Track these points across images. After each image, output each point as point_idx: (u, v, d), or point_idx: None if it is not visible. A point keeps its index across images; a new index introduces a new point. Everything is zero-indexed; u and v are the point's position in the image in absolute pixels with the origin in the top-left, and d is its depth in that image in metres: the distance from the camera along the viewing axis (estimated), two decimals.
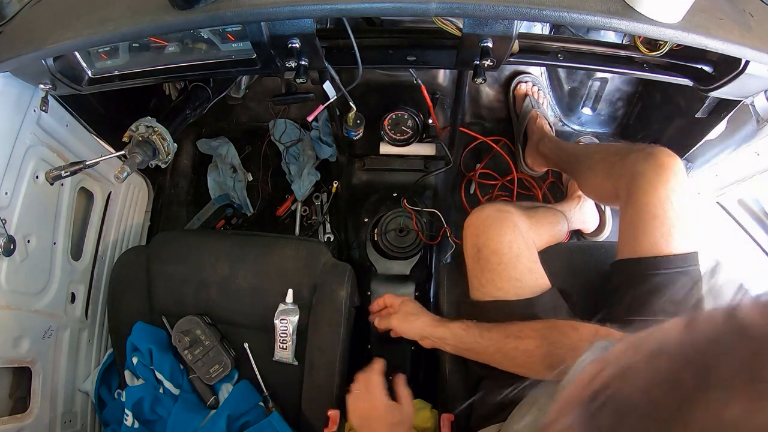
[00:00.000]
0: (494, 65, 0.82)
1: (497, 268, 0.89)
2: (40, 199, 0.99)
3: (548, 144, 1.40)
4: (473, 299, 0.94)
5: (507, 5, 0.70)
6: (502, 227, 0.90)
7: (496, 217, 0.92)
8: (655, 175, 0.85)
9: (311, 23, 0.78)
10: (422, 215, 1.37)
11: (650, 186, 0.85)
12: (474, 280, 0.93)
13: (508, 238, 0.89)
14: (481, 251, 0.91)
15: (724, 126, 1.10)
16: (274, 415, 1.05)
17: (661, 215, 0.83)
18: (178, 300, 1.12)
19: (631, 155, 0.92)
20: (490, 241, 0.90)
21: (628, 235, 0.88)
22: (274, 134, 1.63)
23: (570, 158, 1.25)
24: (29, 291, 1.00)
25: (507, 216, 0.92)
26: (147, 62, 0.89)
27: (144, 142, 0.96)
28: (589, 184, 1.10)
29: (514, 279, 0.88)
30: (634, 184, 0.87)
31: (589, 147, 1.31)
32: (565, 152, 1.30)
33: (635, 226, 0.86)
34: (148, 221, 1.49)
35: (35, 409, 1.00)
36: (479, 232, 0.92)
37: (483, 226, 0.92)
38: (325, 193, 1.57)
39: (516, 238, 0.90)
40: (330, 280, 1.09)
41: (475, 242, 0.92)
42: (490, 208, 0.95)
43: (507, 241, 0.89)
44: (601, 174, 1.01)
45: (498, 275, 0.89)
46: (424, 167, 1.44)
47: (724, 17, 0.79)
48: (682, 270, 0.82)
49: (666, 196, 0.83)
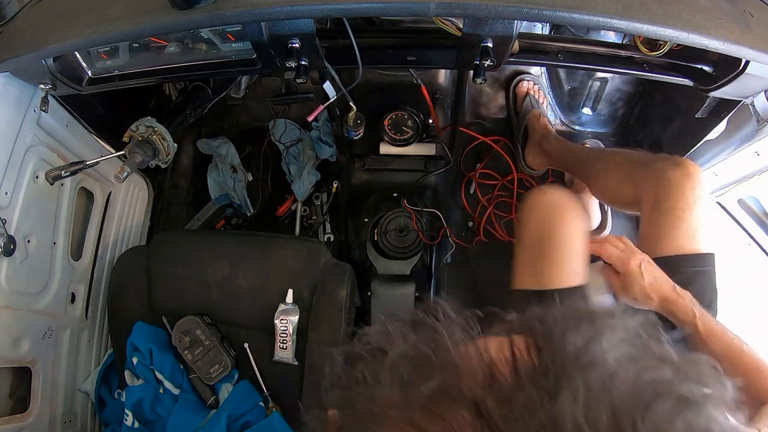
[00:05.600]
0: (494, 65, 0.82)
1: (560, 257, 0.85)
2: (40, 199, 0.99)
3: (553, 142, 1.40)
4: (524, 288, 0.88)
5: (507, 5, 0.70)
6: (570, 215, 0.87)
7: (565, 204, 0.88)
8: (683, 182, 0.90)
9: (311, 23, 0.78)
10: (422, 215, 1.37)
11: (678, 192, 0.90)
12: (528, 267, 0.88)
13: (574, 228, 0.86)
14: (545, 239, 0.86)
15: (724, 126, 1.10)
16: (274, 415, 1.05)
17: (687, 218, 0.88)
18: (178, 300, 1.12)
19: (657, 163, 0.95)
20: (557, 229, 0.85)
21: (653, 235, 0.91)
22: (274, 134, 1.62)
23: (577, 159, 1.26)
24: (29, 291, 1.00)
25: (574, 204, 0.89)
26: (147, 62, 0.89)
27: (144, 142, 0.96)
28: (603, 186, 1.11)
29: (573, 271, 0.85)
30: (662, 189, 0.91)
31: (604, 151, 1.34)
32: (572, 153, 1.31)
33: (660, 227, 0.89)
34: (148, 221, 1.49)
35: (35, 409, 1.00)
36: (545, 217, 0.87)
37: (550, 212, 0.87)
38: (325, 193, 1.57)
39: (580, 228, 0.87)
40: (330, 280, 1.09)
41: (539, 228, 0.87)
42: (555, 192, 0.90)
43: (573, 232, 0.86)
44: (619, 178, 1.04)
45: (559, 265, 0.85)
46: (424, 167, 1.44)
47: (724, 17, 0.79)
48: (702, 270, 0.87)
49: (693, 202, 0.89)
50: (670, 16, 0.74)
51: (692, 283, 0.85)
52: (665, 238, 0.88)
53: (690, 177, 0.90)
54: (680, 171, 0.91)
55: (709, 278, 0.87)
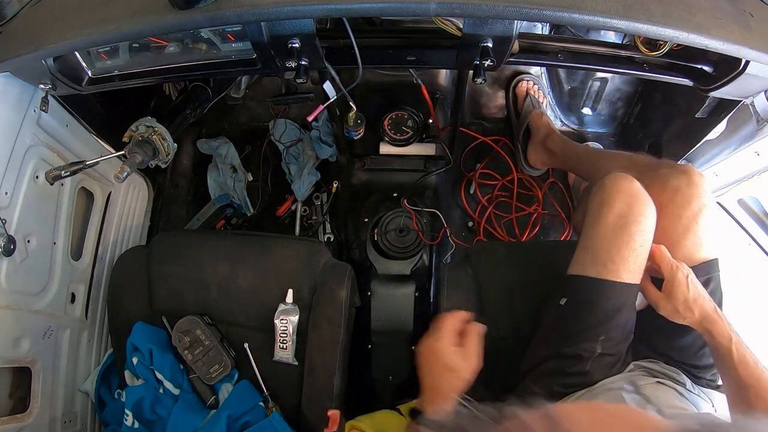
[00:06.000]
0: (494, 65, 0.82)
1: (629, 250, 0.82)
2: (40, 199, 0.99)
3: (557, 141, 1.40)
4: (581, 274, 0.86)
5: (507, 5, 0.70)
6: (651, 210, 0.84)
7: (647, 197, 0.84)
8: (689, 191, 0.90)
9: (311, 23, 0.78)
10: (422, 215, 1.37)
11: (685, 200, 0.90)
12: (603, 253, 0.83)
13: (651, 225, 0.83)
14: (629, 226, 0.82)
15: (724, 126, 1.10)
16: (274, 415, 1.05)
17: (693, 228, 0.89)
18: (178, 300, 1.12)
19: (663, 169, 0.95)
20: (641, 218, 0.82)
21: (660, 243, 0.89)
22: (274, 134, 1.63)
23: (581, 158, 1.26)
24: (29, 291, 1.00)
25: (651, 200, 0.85)
26: (147, 62, 0.89)
27: (144, 142, 0.96)
28: None
29: (637, 267, 0.83)
30: (668, 197, 0.91)
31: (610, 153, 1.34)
32: (575, 151, 1.31)
33: (667, 236, 0.89)
34: (148, 221, 1.49)
35: (35, 409, 1.00)
36: (633, 203, 0.83)
37: (638, 200, 0.83)
38: (325, 193, 1.57)
39: (653, 227, 0.84)
40: (330, 280, 1.09)
41: (624, 212, 0.82)
42: (637, 182, 0.86)
43: (649, 229, 0.83)
44: None
45: (635, 257, 0.82)
46: (424, 167, 1.44)
47: (724, 17, 0.79)
48: (708, 277, 0.88)
49: (699, 210, 0.89)
50: (670, 16, 0.74)
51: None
52: (673, 247, 0.88)
53: (696, 186, 0.90)
54: (686, 179, 0.91)
55: (716, 284, 0.89)
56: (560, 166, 1.46)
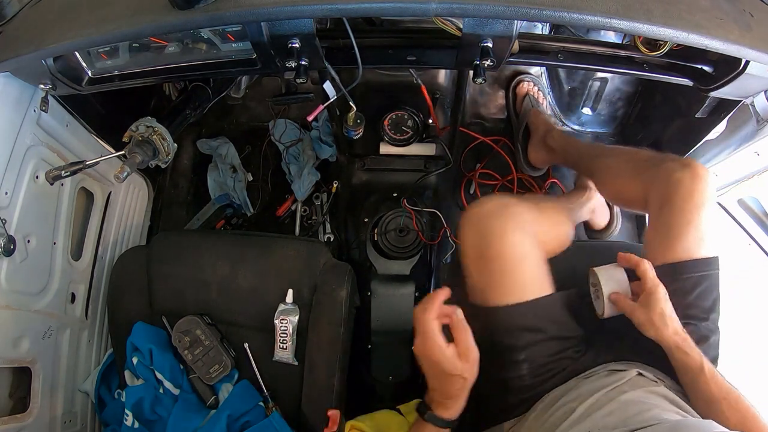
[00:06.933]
0: (494, 65, 0.82)
1: (501, 273, 0.83)
2: (40, 199, 0.99)
3: (557, 137, 1.40)
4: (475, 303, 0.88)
5: (507, 5, 0.70)
6: (506, 226, 0.84)
7: (500, 214, 0.85)
8: (692, 184, 0.89)
9: (311, 23, 0.78)
10: (422, 215, 1.37)
11: (688, 194, 0.89)
12: (475, 284, 0.87)
13: (512, 239, 0.83)
14: (484, 254, 0.84)
15: (724, 126, 1.10)
16: (274, 415, 1.05)
17: (695, 222, 0.88)
18: (178, 300, 1.12)
19: (666, 163, 0.95)
20: (493, 243, 0.83)
21: (662, 237, 0.91)
22: (274, 134, 1.63)
23: (582, 155, 1.25)
24: (29, 291, 1.00)
25: (511, 212, 0.86)
26: (147, 62, 0.89)
27: (144, 142, 0.96)
28: (609, 183, 1.11)
29: (519, 284, 0.84)
30: (671, 191, 0.91)
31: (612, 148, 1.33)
32: (576, 148, 1.30)
33: (670, 230, 0.89)
34: (148, 221, 1.49)
35: (35, 409, 1.00)
36: (481, 232, 0.85)
37: (484, 226, 0.85)
38: (325, 193, 1.57)
39: (522, 238, 0.84)
40: (330, 280, 1.09)
41: (476, 243, 0.85)
42: (491, 202, 0.87)
43: (511, 243, 0.83)
44: (626, 176, 1.03)
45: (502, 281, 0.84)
46: (424, 167, 1.44)
47: (724, 17, 0.79)
48: (708, 273, 0.88)
49: (701, 204, 0.89)
50: (670, 16, 0.74)
51: (698, 286, 0.86)
52: (674, 241, 0.88)
53: (699, 179, 0.90)
54: (689, 173, 0.90)
55: (714, 281, 0.88)
56: (561, 163, 1.45)
